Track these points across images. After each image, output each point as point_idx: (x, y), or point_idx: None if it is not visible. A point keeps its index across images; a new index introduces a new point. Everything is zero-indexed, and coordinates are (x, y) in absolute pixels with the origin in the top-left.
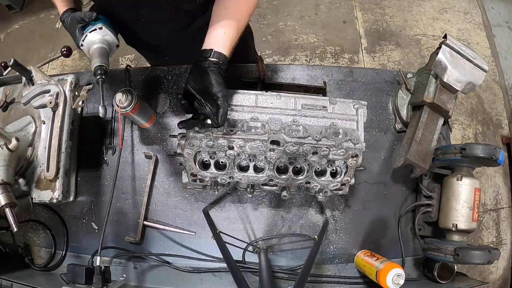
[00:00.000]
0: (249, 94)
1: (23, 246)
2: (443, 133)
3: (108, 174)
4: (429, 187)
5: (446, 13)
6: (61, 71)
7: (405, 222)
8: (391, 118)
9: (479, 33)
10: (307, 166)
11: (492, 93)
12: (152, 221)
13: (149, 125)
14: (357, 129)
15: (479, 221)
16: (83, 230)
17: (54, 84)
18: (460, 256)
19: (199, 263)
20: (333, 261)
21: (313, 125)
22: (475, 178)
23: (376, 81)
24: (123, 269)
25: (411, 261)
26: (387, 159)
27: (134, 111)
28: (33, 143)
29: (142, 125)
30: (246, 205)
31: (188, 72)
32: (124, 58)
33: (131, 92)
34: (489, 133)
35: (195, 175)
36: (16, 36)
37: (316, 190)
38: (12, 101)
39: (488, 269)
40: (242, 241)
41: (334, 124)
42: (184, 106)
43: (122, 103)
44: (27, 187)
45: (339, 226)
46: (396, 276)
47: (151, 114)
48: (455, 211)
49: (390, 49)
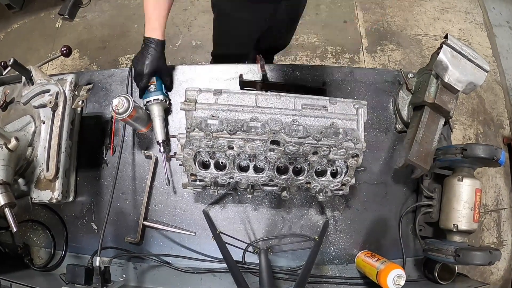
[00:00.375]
0: (249, 94)
1: (23, 246)
2: (444, 133)
3: (108, 174)
4: (430, 187)
5: (447, 13)
6: (60, 71)
7: (405, 222)
8: (392, 118)
9: (480, 33)
10: (307, 166)
11: (493, 93)
12: (152, 221)
13: (146, 130)
14: (357, 128)
15: (480, 221)
16: (82, 230)
17: (54, 84)
18: (461, 257)
19: (199, 264)
20: (334, 262)
21: (313, 125)
22: (476, 178)
23: (377, 81)
24: (123, 270)
25: (412, 262)
26: (388, 160)
27: (130, 117)
28: (33, 143)
29: (140, 130)
30: (246, 206)
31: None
32: (124, 57)
33: (128, 99)
34: (490, 133)
35: (195, 175)
36: (15, 36)
37: (317, 190)
38: (12, 101)
39: (489, 270)
40: (242, 242)
41: (334, 124)
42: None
43: (118, 109)
44: (27, 187)
45: (340, 226)
46: (396, 277)
47: (147, 120)
48: (456, 211)
49: (391, 49)
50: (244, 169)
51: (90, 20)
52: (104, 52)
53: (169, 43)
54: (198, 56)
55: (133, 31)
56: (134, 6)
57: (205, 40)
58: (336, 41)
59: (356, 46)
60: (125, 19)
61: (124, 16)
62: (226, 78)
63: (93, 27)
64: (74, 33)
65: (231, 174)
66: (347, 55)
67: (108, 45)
